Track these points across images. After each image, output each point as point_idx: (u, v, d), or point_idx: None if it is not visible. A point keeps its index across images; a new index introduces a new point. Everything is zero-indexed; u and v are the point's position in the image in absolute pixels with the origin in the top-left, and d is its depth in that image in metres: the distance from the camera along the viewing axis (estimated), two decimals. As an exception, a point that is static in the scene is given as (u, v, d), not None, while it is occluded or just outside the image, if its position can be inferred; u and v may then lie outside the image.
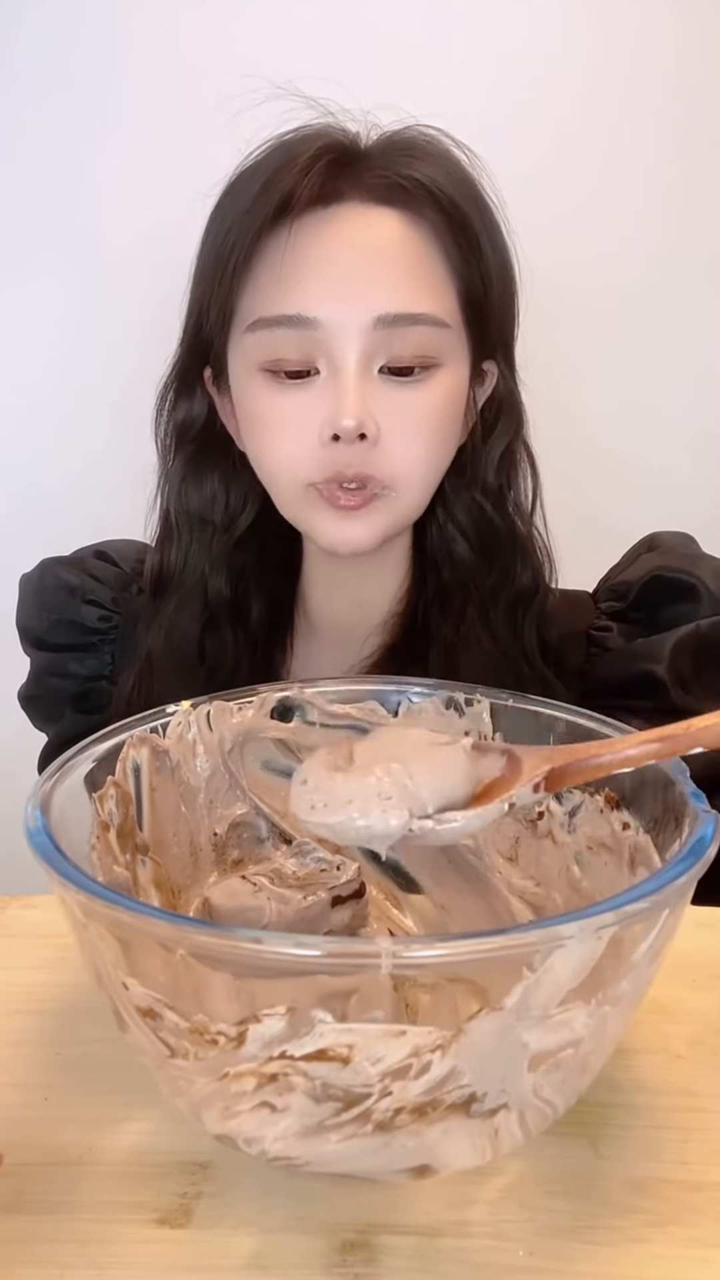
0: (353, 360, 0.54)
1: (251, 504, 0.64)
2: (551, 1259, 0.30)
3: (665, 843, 0.34)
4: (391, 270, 0.55)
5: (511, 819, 0.44)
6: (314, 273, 0.54)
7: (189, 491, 0.64)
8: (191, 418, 0.63)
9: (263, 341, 0.55)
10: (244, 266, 0.55)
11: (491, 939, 0.25)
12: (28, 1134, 0.35)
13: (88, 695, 0.70)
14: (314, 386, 0.55)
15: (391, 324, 0.54)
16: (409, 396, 0.56)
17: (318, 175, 0.54)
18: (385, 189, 0.55)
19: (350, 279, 0.54)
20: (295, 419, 0.55)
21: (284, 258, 0.54)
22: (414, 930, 0.46)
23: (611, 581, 0.67)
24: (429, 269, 0.56)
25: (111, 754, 0.40)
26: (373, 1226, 0.31)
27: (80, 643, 0.70)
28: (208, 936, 0.26)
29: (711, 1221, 0.31)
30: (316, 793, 0.34)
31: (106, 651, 0.71)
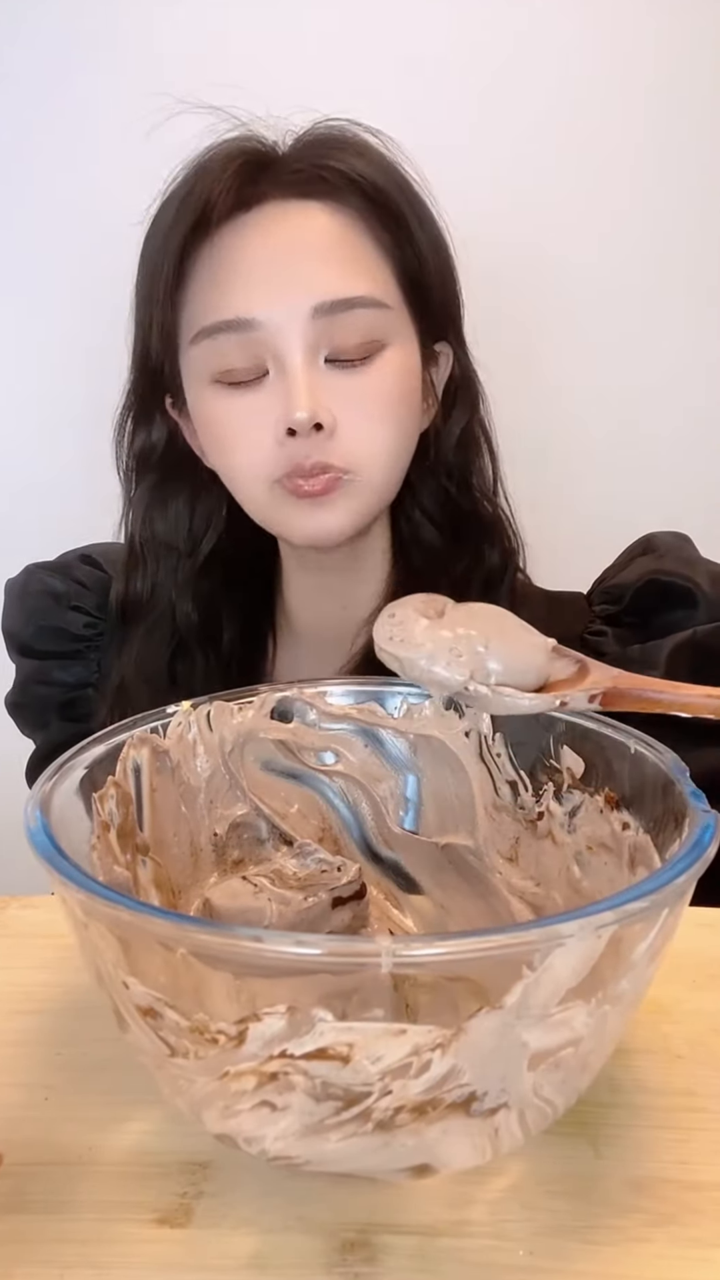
0: (298, 353, 0.54)
1: (215, 525, 0.64)
2: (551, 1259, 0.30)
3: (665, 843, 0.34)
4: (322, 259, 0.55)
5: (511, 819, 0.44)
6: (245, 273, 0.54)
7: (154, 518, 0.64)
8: (151, 444, 0.63)
9: (208, 351, 0.56)
10: (175, 283, 0.56)
11: (491, 938, 0.25)
12: (28, 1134, 0.35)
13: (74, 703, 0.70)
14: (265, 388, 0.56)
15: (329, 311, 0.54)
16: (359, 382, 0.56)
17: (233, 179, 0.54)
18: (305, 182, 0.56)
19: (282, 274, 0.54)
20: (251, 421, 0.56)
21: (215, 265, 0.55)
22: (414, 930, 0.46)
23: (606, 584, 0.67)
24: (359, 253, 0.56)
25: (112, 754, 0.40)
26: (373, 1226, 0.31)
27: (65, 650, 0.70)
28: (208, 935, 0.26)
29: (711, 1221, 0.31)
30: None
31: (93, 659, 0.70)
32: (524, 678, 0.37)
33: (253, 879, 0.43)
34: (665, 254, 0.98)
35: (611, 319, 0.98)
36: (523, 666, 0.37)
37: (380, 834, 0.48)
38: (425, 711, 0.46)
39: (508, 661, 0.37)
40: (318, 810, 0.48)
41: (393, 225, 0.57)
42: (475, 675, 0.36)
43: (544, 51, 0.92)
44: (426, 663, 0.37)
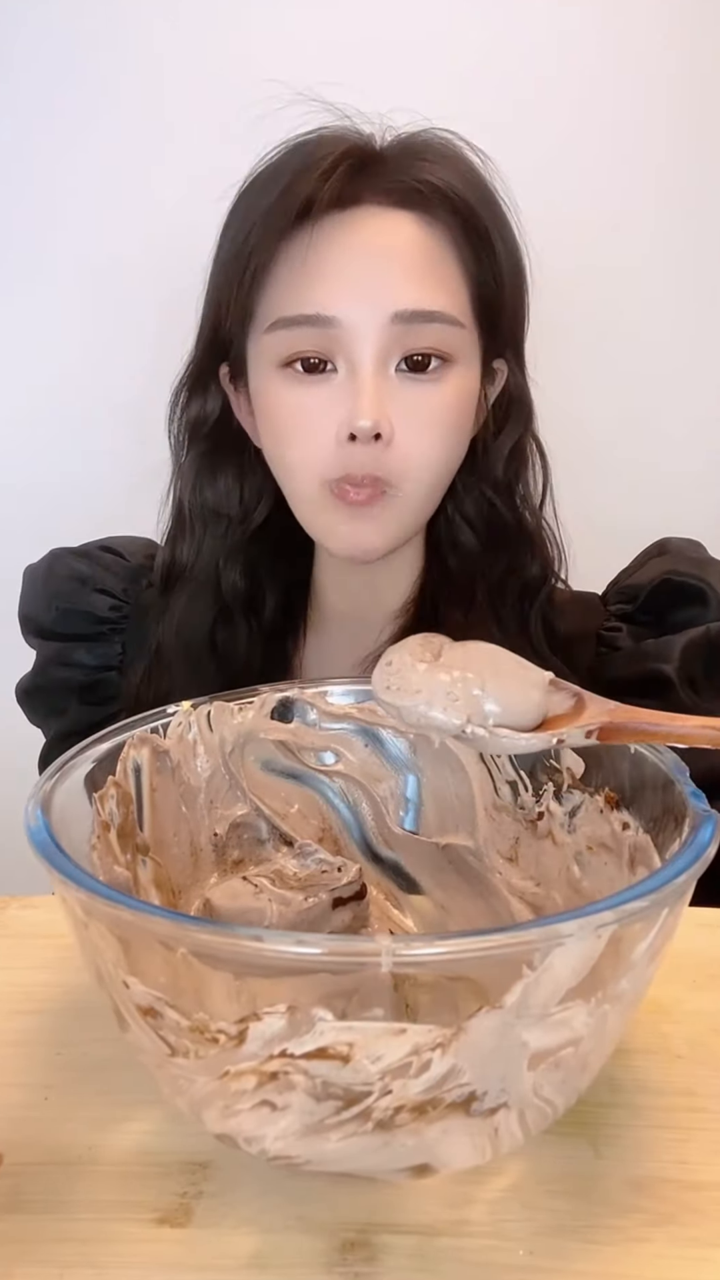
0: (369, 357, 0.55)
1: (266, 498, 0.65)
2: (551, 1259, 0.30)
3: (665, 843, 0.34)
4: (407, 269, 0.56)
5: (511, 819, 0.44)
6: (333, 273, 0.55)
7: (203, 486, 0.65)
8: (205, 414, 0.64)
9: (282, 340, 0.56)
10: (265, 268, 0.56)
11: (491, 937, 0.25)
12: (28, 1134, 0.35)
13: (95, 686, 0.70)
14: (331, 384, 0.56)
15: (408, 320, 0.55)
16: (423, 395, 0.57)
17: (338, 180, 0.55)
18: (401, 193, 0.56)
19: (368, 278, 0.55)
20: (313, 416, 0.56)
21: (305, 259, 0.55)
22: (414, 930, 0.46)
23: (621, 584, 0.68)
24: (443, 269, 0.57)
25: (112, 754, 0.40)
26: (373, 1226, 0.31)
27: (90, 632, 0.70)
28: (209, 935, 0.26)
29: (711, 1221, 0.31)
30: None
31: (116, 641, 0.70)
32: (522, 717, 0.37)
33: (253, 879, 0.43)
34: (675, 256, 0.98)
35: (614, 321, 0.98)
36: (520, 705, 0.37)
37: (380, 834, 0.48)
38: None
39: (505, 702, 0.37)
40: (318, 810, 0.48)
41: (477, 243, 0.58)
42: (473, 718, 0.36)
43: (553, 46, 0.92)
44: (424, 709, 0.36)
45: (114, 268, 0.97)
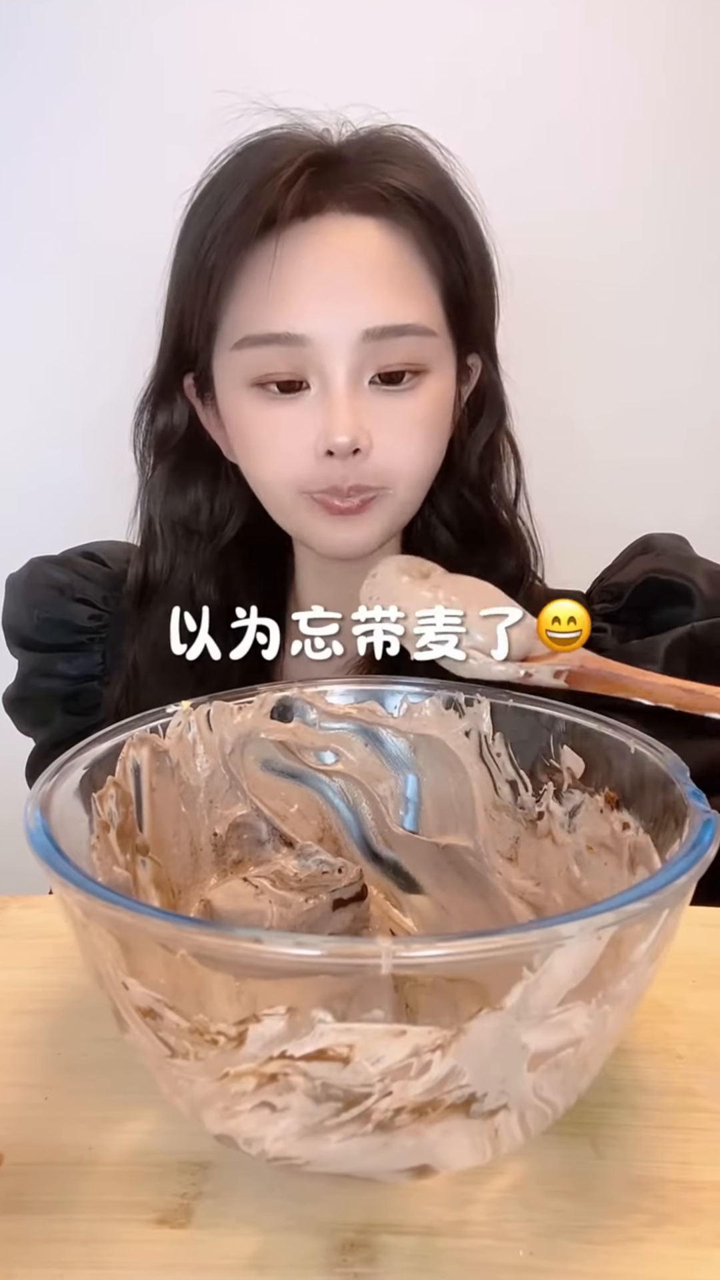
0: (342, 374, 0.54)
1: (238, 511, 0.64)
2: (551, 1259, 0.30)
3: (665, 843, 0.34)
4: (376, 282, 0.55)
5: (511, 819, 0.44)
6: (300, 289, 0.54)
7: (173, 501, 0.64)
8: (172, 427, 0.63)
9: (251, 359, 0.55)
10: (228, 282, 0.55)
11: (491, 939, 0.25)
12: (28, 1134, 0.35)
13: (78, 696, 0.70)
14: (305, 401, 0.56)
15: (379, 336, 0.54)
16: (399, 405, 0.56)
17: (300, 188, 0.54)
18: (365, 199, 0.55)
19: (337, 294, 0.54)
20: (288, 434, 0.56)
21: (270, 275, 0.54)
22: (414, 930, 0.46)
23: (606, 582, 0.68)
24: (412, 277, 0.56)
25: (111, 754, 0.40)
26: (373, 1226, 0.31)
27: (70, 642, 0.70)
28: (208, 937, 0.26)
29: (711, 1221, 0.31)
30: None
31: (97, 651, 0.70)
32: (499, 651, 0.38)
33: (253, 880, 0.43)
34: (660, 251, 0.98)
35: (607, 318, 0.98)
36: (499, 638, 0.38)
37: (380, 834, 0.48)
38: (425, 711, 0.46)
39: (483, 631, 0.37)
40: (318, 810, 0.48)
41: (443, 244, 0.57)
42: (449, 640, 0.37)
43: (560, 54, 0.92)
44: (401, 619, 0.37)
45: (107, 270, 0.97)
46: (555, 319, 0.93)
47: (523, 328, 0.65)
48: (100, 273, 0.98)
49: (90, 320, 0.99)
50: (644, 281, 0.98)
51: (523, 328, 0.65)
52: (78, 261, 0.98)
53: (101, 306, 0.98)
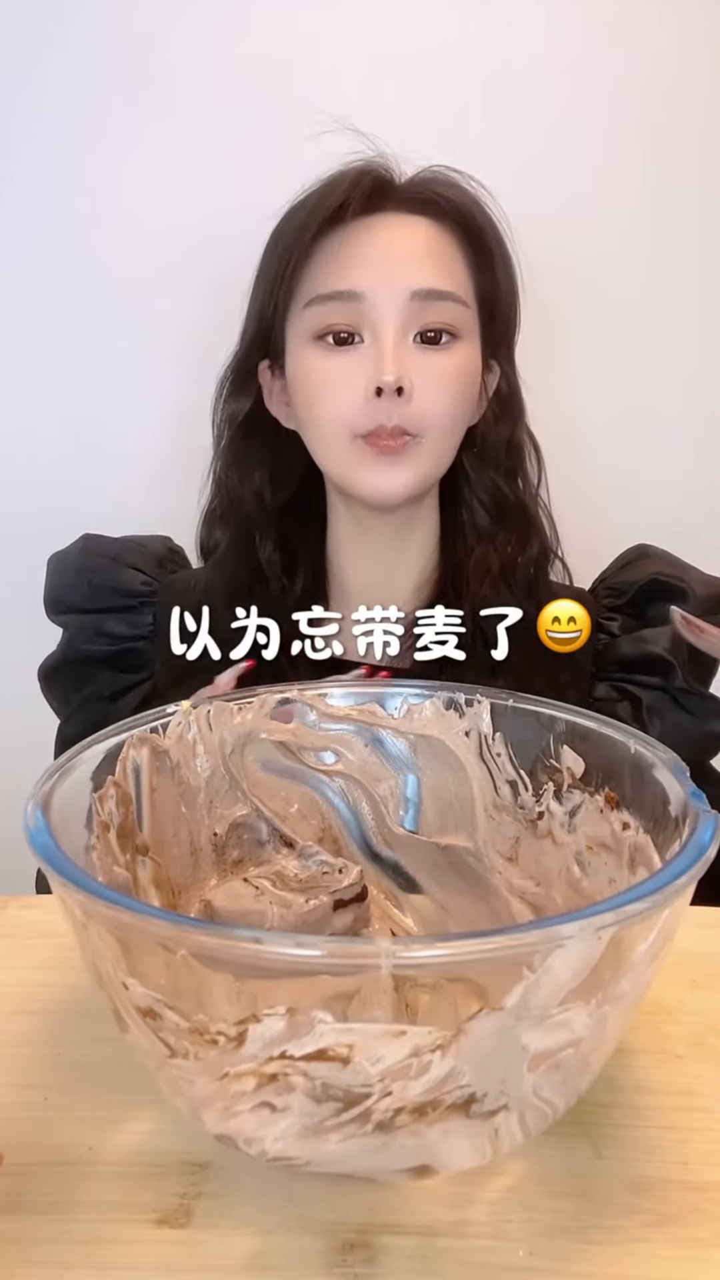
0: (392, 327, 0.64)
1: (293, 477, 0.72)
2: (551, 1259, 0.30)
3: (665, 843, 0.34)
4: (424, 256, 0.66)
5: (511, 819, 0.44)
6: (361, 257, 0.65)
7: (239, 467, 0.73)
8: (240, 407, 0.73)
9: (317, 314, 0.65)
10: (303, 260, 0.66)
11: (491, 939, 0.25)
12: (28, 1134, 0.35)
13: (126, 655, 0.74)
14: (358, 351, 0.65)
15: (424, 298, 0.64)
16: (437, 360, 0.65)
17: (363, 190, 0.65)
18: (418, 203, 0.67)
19: (391, 261, 0.65)
20: (343, 378, 0.65)
21: (338, 249, 0.65)
22: (414, 930, 0.46)
23: (609, 581, 0.74)
24: (453, 262, 0.67)
25: (111, 754, 0.40)
26: (373, 1226, 0.31)
27: (121, 605, 0.74)
28: (208, 937, 0.26)
29: (712, 1221, 0.31)
30: None
31: (148, 613, 0.74)
32: None
33: (254, 881, 0.43)
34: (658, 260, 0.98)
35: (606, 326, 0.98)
36: None
37: (380, 834, 0.48)
38: (425, 712, 0.46)
39: None
40: (318, 810, 0.48)
41: (479, 252, 0.68)
42: None
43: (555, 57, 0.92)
44: None
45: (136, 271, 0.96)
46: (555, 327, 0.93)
47: (533, 336, 0.69)
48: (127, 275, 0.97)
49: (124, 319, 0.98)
50: (643, 286, 0.98)
51: (533, 336, 0.69)
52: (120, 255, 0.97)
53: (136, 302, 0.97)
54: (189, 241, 0.93)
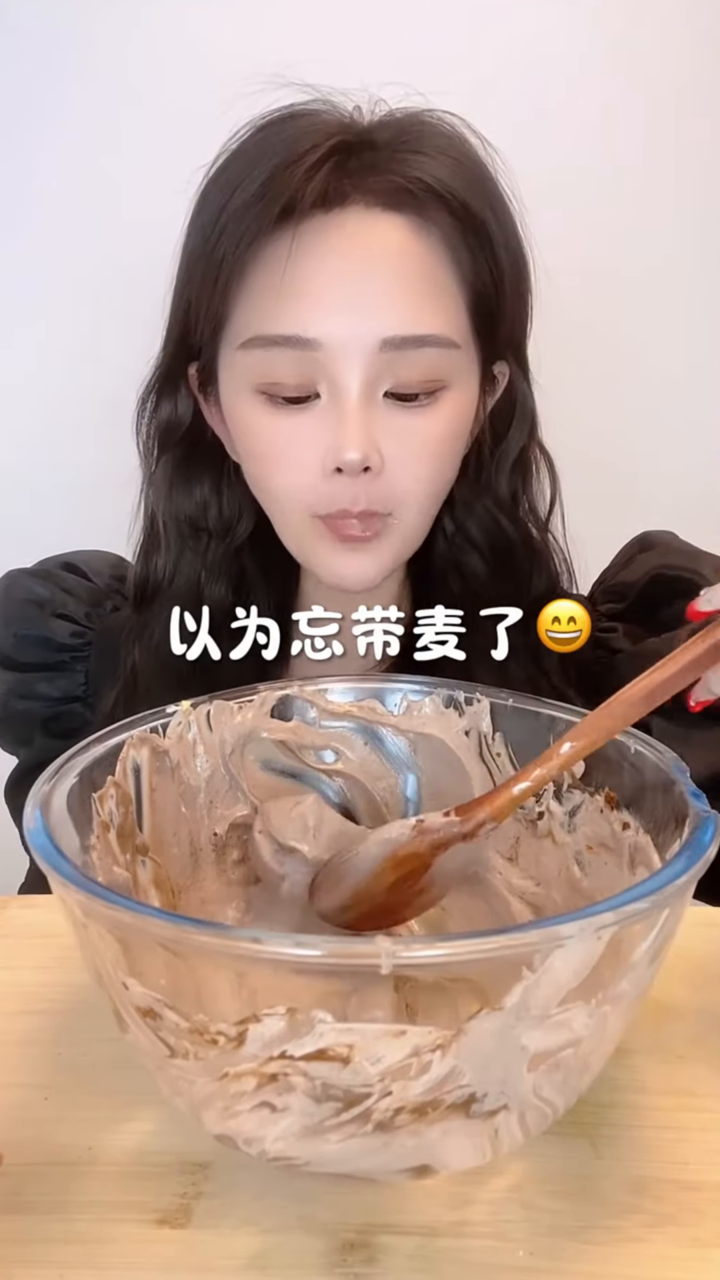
0: (356, 385, 0.50)
1: (248, 513, 0.61)
2: (551, 1259, 0.30)
3: (665, 843, 0.34)
4: (398, 287, 0.51)
5: (511, 819, 0.44)
6: (316, 288, 0.50)
7: (177, 497, 0.60)
8: (176, 419, 0.59)
9: (258, 361, 0.52)
10: (239, 274, 0.52)
11: (491, 939, 0.25)
12: (28, 1134, 0.35)
13: (59, 718, 0.66)
14: (314, 412, 0.52)
15: (398, 346, 0.50)
16: (415, 423, 0.52)
17: (323, 177, 0.50)
18: (392, 193, 0.51)
19: (355, 297, 0.50)
20: (296, 447, 0.52)
21: (285, 270, 0.50)
22: (414, 930, 0.46)
23: (608, 584, 0.65)
24: (438, 282, 0.52)
25: (111, 754, 0.40)
26: (373, 1226, 0.31)
27: (50, 661, 0.66)
28: (208, 937, 0.26)
29: (711, 1221, 0.31)
30: None
31: (79, 670, 0.66)
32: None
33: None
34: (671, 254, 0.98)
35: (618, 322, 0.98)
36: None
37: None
38: (425, 709, 0.46)
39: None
40: (318, 810, 0.48)
41: (474, 245, 0.53)
42: None
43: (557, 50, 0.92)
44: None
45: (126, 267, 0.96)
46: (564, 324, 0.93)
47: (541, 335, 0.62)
48: (104, 262, 0.97)
49: (92, 315, 0.98)
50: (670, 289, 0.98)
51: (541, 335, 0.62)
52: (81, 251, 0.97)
53: (103, 297, 0.97)
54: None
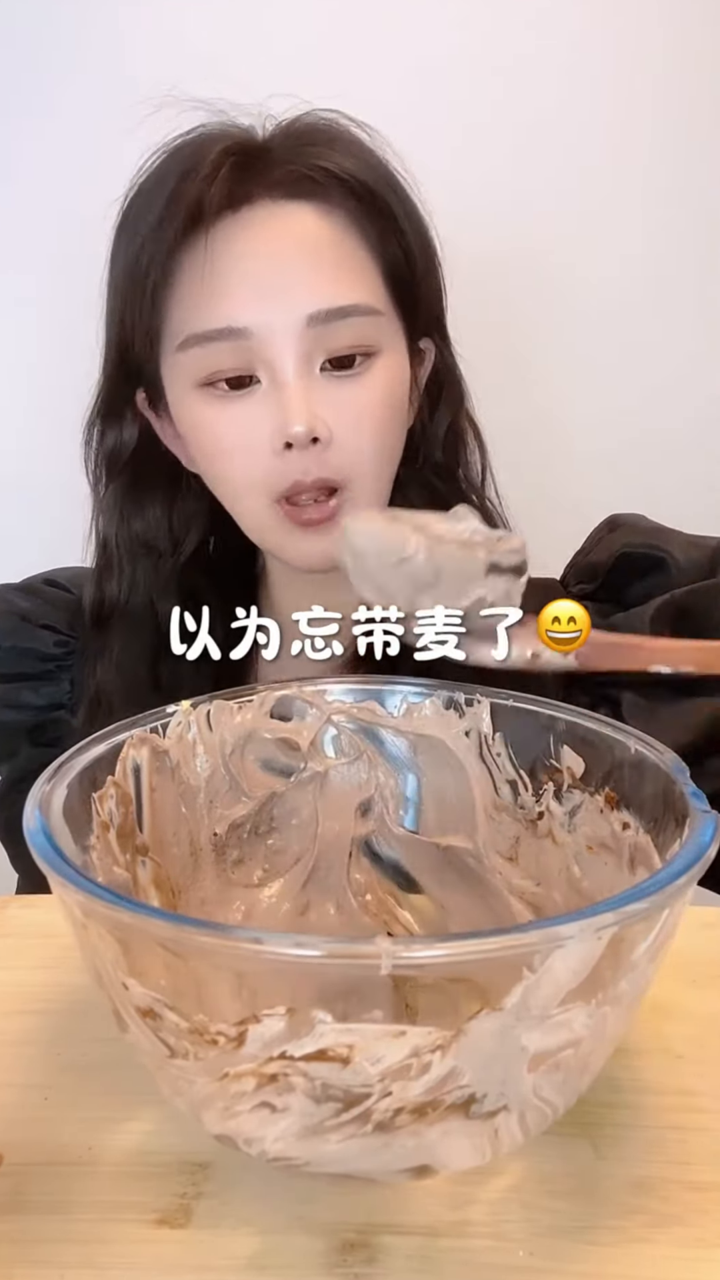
0: (291, 363, 0.53)
1: (197, 524, 0.63)
2: (551, 1259, 0.30)
3: (665, 843, 0.34)
4: (314, 266, 0.54)
5: (511, 819, 0.44)
6: (236, 280, 0.53)
7: (129, 519, 0.62)
8: (121, 444, 0.61)
9: (196, 358, 0.54)
10: (163, 284, 0.54)
11: (491, 939, 0.25)
12: (28, 1134, 0.35)
13: (44, 727, 0.67)
14: (256, 396, 0.54)
15: (324, 320, 0.53)
16: (353, 391, 0.55)
17: (224, 180, 0.53)
18: (294, 183, 0.54)
19: (275, 281, 0.53)
20: (243, 432, 0.54)
21: (204, 269, 0.53)
22: (414, 930, 0.46)
23: (579, 565, 0.67)
24: (351, 258, 0.55)
25: (111, 754, 0.40)
26: (373, 1226, 0.31)
27: (36, 671, 0.67)
28: (208, 937, 0.26)
29: (713, 1221, 0.31)
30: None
31: (64, 679, 0.67)
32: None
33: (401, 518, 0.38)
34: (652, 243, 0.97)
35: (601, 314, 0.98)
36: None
37: (380, 834, 0.48)
38: (425, 711, 0.46)
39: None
40: (318, 810, 0.48)
41: (380, 223, 0.56)
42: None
43: (547, 50, 0.92)
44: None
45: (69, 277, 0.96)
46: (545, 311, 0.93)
47: (508, 326, 0.63)
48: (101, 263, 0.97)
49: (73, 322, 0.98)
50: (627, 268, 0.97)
51: (508, 326, 0.63)
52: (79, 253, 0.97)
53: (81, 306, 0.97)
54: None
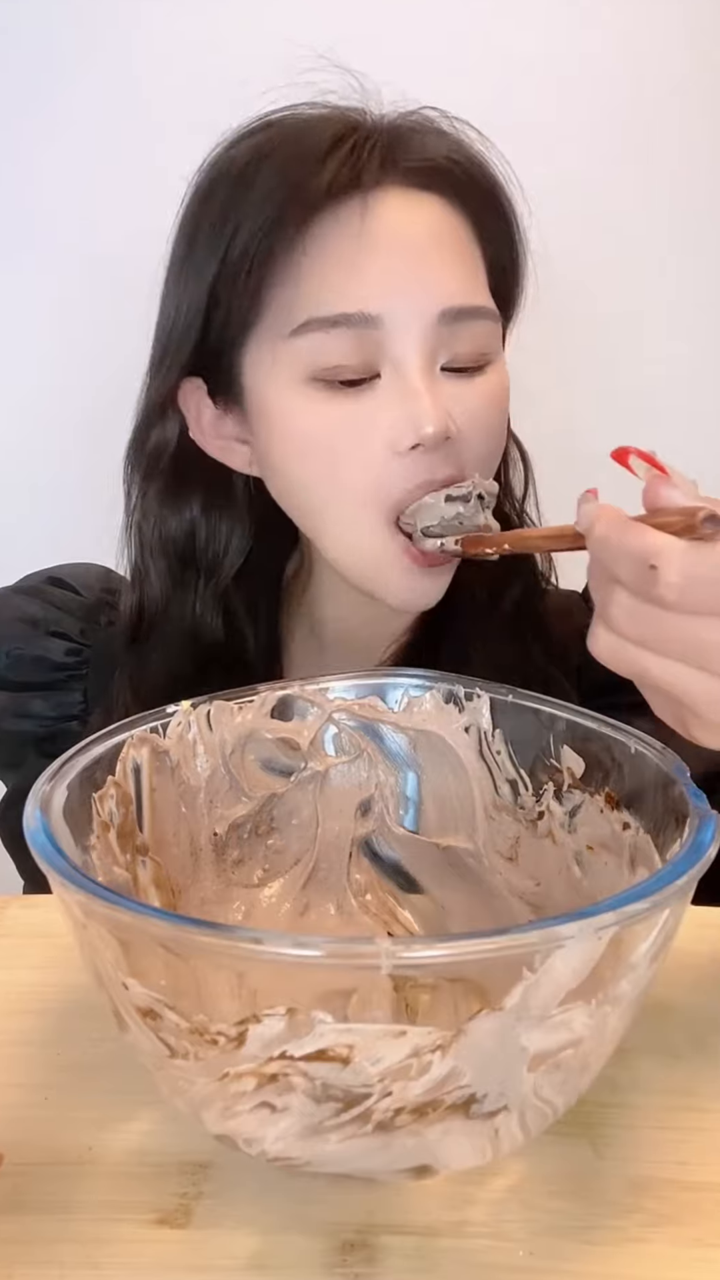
0: (419, 360, 0.49)
1: (239, 536, 0.59)
2: (551, 1259, 0.30)
3: (665, 843, 0.34)
4: (448, 261, 0.51)
5: (511, 819, 0.44)
6: (372, 265, 0.49)
7: (166, 524, 0.58)
8: (164, 442, 0.57)
9: (315, 346, 0.49)
10: (273, 264, 0.50)
11: (491, 939, 0.25)
12: (28, 1134, 0.35)
13: (55, 738, 0.63)
14: (375, 393, 0.50)
15: (455, 319, 0.50)
16: (474, 391, 0.52)
17: (356, 161, 0.49)
18: (425, 173, 0.51)
19: (412, 271, 0.49)
20: (359, 431, 0.50)
21: (326, 249, 0.49)
22: (414, 930, 0.46)
23: None
24: (473, 258, 0.53)
25: (111, 754, 0.40)
26: (373, 1226, 0.31)
27: (46, 680, 0.63)
28: (208, 937, 0.26)
29: (711, 1221, 0.31)
30: None
31: (77, 689, 0.63)
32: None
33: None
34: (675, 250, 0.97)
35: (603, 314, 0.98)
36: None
37: (380, 833, 0.48)
38: (425, 705, 0.46)
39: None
40: (318, 809, 0.48)
41: (497, 223, 0.54)
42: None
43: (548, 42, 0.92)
44: None
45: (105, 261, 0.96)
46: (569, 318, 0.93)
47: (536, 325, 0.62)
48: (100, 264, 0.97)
49: (82, 325, 0.98)
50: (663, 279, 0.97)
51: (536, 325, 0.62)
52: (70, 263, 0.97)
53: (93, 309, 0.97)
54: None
